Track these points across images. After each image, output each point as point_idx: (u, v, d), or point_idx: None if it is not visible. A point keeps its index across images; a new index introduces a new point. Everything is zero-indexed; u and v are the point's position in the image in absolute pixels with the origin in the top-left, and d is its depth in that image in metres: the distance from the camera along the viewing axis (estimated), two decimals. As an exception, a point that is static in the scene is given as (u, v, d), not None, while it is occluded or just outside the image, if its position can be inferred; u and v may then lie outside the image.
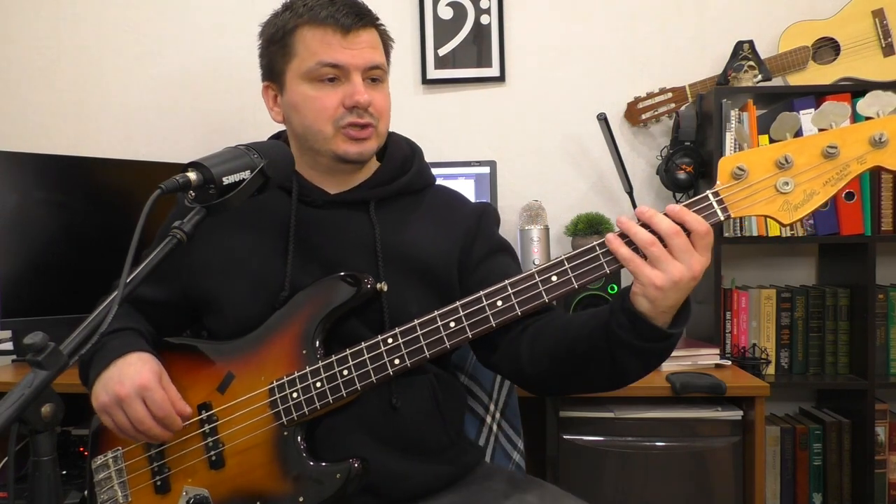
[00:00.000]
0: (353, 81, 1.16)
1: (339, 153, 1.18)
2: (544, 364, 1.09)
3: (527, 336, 1.11)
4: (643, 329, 0.97)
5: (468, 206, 1.29)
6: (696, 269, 0.94)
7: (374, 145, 1.20)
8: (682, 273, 0.93)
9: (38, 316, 1.90)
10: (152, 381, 1.08)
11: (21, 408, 0.77)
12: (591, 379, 1.08)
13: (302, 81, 1.17)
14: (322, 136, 1.17)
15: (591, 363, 1.05)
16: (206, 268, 1.21)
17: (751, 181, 0.97)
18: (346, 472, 1.08)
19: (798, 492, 2.12)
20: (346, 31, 1.15)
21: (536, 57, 2.36)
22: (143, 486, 1.17)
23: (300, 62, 1.17)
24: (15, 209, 1.89)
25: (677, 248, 0.93)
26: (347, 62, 1.15)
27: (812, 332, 2.15)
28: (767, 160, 0.97)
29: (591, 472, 1.74)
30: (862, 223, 2.06)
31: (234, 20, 2.39)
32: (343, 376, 1.09)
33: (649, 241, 0.94)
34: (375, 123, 1.18)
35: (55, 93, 2.45)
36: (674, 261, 0.93)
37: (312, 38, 1.16)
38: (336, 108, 1.16)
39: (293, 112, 1.19)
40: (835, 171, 0.96)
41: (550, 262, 1.01)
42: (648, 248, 0.94)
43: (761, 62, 2.18)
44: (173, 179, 0.93)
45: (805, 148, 0.96)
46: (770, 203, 0.96)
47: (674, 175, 2.16)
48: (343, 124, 1.16)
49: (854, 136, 0.95)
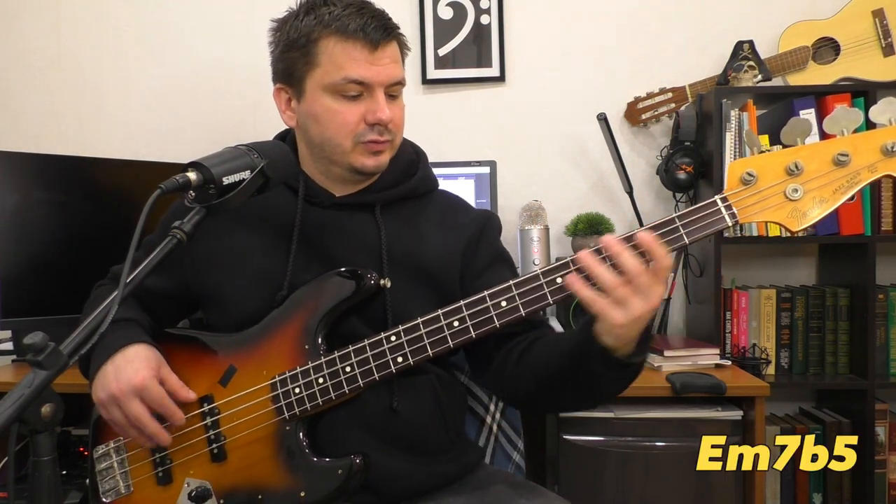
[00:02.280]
0: (377, 98, 1.15)
1: (357, 166, 1.18)
2: (531, 388, 1.13)
3: (513, 357, 1.14)
4: (609, 361, 0.99)
5: (472, 213, 1.30)
6: (655, 302, 0.94)
7: (389, 157, 1.21)
8: (643, 309, 0.93)
9: (38, 316, 1.90)
10: (148, 378, 1.08)
11: (21, 408, 0.77)
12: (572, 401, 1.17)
13: (324, 93, 1.16)
14: (341, 150, 1.17)
15: (569, 388, 1.08)
16: (210, 262, 1.22)
17: (760, 187, 0.96)
18: (348, 467, 1.08)
19: (798, 492, 2.12)
20: (375, 47, 1.14)
21: (536, 57, 2.36)
22: (145, 477, 1.17)
23: (324, 73, 1.15)
24: (15, 209, 1.89)
25: (641, 287, 0.93)
26: (373, 79, 1.15)
27: (812, 332, 2.15)
28: (777, 166, 0.96)
29: (591, 472, 1.74)
30: (862, 223, 2.06)
31: (235, 20, 2.39)
32: (346, 372, 1.09)
33: (614, 284, 0.93)
34: (392, 139, 1.19)
35: (55, 93, 2.45)
36: (636, 298, 0.93)
37: (340, 51, 1.14)
38: (357, 123, 1.16)
39: (312, 122, 1.18)
40: (845, 179, 0.94)
41: (555, 263, 1.02)
42: (613, 292, 0.93)
43: (761, 62, 2.18)
44: (173, 179, 0.94)
45: (816, 155, 0.95)
46: (779, 210, 0.95)
47: (674, 175, 2.16)
48: (363, 140, 1.16)
49: (866, 145, 0.94)
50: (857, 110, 0.97)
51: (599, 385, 1.05)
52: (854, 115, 0.96)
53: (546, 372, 1.09)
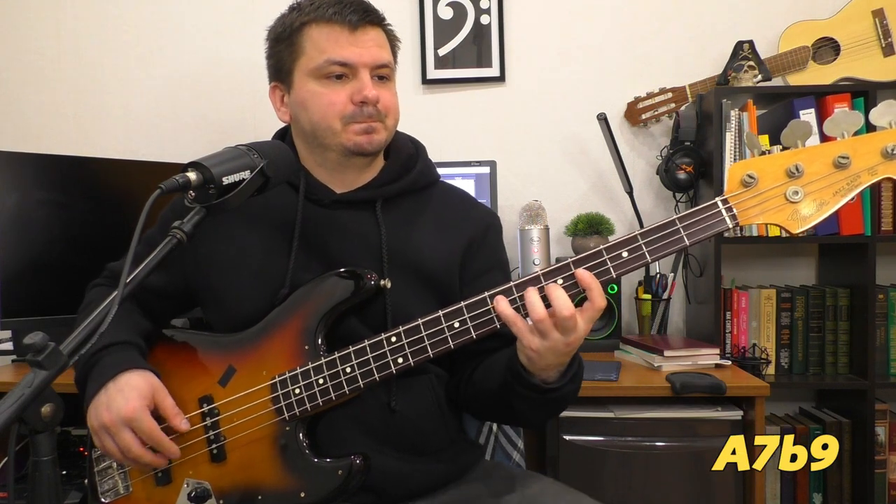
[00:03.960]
0: (361, 78, 1.17)
1: (349, 146, 1.18)
2: (474, 400, 1.21)
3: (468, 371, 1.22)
4: (524, 381, 1.05)
5: (475, 212, 1.30)
6: (573, 342, 0.99)
7: (384, 137, 1.21)
8: (558, 343, 0.99)
9: (38, 316, 1.90)
10: (138, 409, 1.07)
11: (21, 408, 0.77)
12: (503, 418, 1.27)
13: (310, 79, 1.18)
14: (331, 132, 1.18)
15: (499, 405, 1.14)
16: (211, 260, 1.22)
17: (760, 189, 0.96)
18: (348, 467, 1.08)
19: (798, 492, 2.12)
20: (354, 28, 1.16)
21: (536, 57, 2.36)
22: (145, 477, 1.17)
23: (308, 60, 1.18)
24: (15, 209, 1.89)
25: (564, 327, 0.98)
26: (356, 60, 1.16)
27: (812, 332, 2.15)
28: (778, 168, 0.96)
29: (592, 472, 1.74)
30: (862, 223, 2.06)
31: (235, 20, 2.39)
32: (346, 373, 1.09)
33: (540, 317, 0.98)
34: (383, 119, 1.19)
35: (55, 93, 2.45)
36: (555, 332, 0.98)
37: (320, 35, 1.17)
38: (345, 103, 1.16)
39: (301, 109, 1.20)
40: (845, 181, 0.95)
41: (554, 266, 1.02)
42: (538, 325, 0.98)
43: (761, 62, 2.18)
44: (173, 179, 0.94)
45: (817, 157, 0.96)
46: (779, 212, 0.96)
47: (674, 175, 2.16)
48: (351, 120, 1.17)
49: (866, 147, 0.95)
50: (858, 113, 0.97)
51: (519, 405, 1.09)
52: (854, 118, 0.96)
53: (485, 386, 1.16)
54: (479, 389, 1.18)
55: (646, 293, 2.18)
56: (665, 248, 0.99)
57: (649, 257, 0.99)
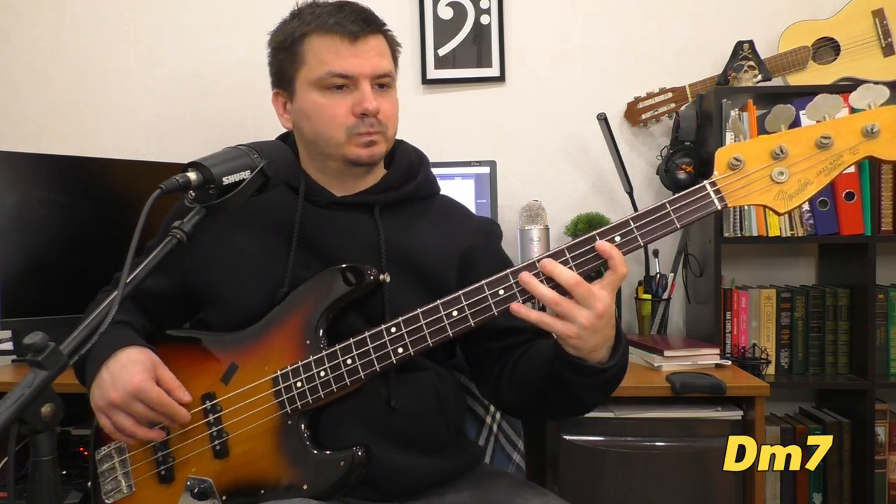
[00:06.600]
0: (362, 89, 1.17)
1: (351, 157, 1.19)
2: (519, 397, 1.18)
3: (507, 371, 1.18)
4: (578, 368, 1.04)
5: (474, 221, 1.31)
6: (600, 310, 0.98)
7: (383, 148, 1.22)
8: (590, 319, 0.98)
9: (38, 316, 1.90)
10: (144, 380, 1.08)
11: (21, 408, 0.77)
12: (557, 409, 1.19)
13: (312, 89, 1.18)
14: (334, 143, 1.19)
15: (550, 396, 1.12)
16: (210, 261, 1.22)
17: (747, 171, 0.99)
18: (350, 459, 1.08)
19: (798, 492, 2.12)
20: (354, 39, 1.16)
21: (536, 57, 2.36)
22: (147, 476, 1.18)
23: (309, 70, 1.18)
24: (15, 209, 1.89)
25: (581, 297, 0.98)
26: (356, 71, 1.17)
27: (812, 332, 2.15)
28: (763, 151, 0.99)
29: (592, 472, 1.74)
30: (862, 223, 2.06)
31: (235, 20, 2.39)
32: (347, 365, 1.09)
33: (554, 300, 0.99)
34: (383, 130, 1.20)
35: (55, 93, 2.45)
36: (580, 309, 0.98)
37: (321, 45, 1.17)
38: (346, 115, 1.17)
39: (304, 119, 1.21)
40: (828, 161, 0.98)
41: (553, 250, 1.03)
42: (555, 308, 0.99)
43: (761, 62, 2.18)
44: (173, 179, 0.94)
45: (799, 139, 0.99)
46: (766, 192, 0.99)
47: (674, 175, 2.16)
48: (354, 132, 1.18)
49: (847, 128, 0.98)
50: (838, 96, 1.00)
51: (576, 392, 1.08)
52: (835, 102, 0.99)
53: (530, 381, 1.14)
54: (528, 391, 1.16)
55: (646, 293, 2.18)
56: (657, 231, 1.01)
57: (641, 241, 1.01)
